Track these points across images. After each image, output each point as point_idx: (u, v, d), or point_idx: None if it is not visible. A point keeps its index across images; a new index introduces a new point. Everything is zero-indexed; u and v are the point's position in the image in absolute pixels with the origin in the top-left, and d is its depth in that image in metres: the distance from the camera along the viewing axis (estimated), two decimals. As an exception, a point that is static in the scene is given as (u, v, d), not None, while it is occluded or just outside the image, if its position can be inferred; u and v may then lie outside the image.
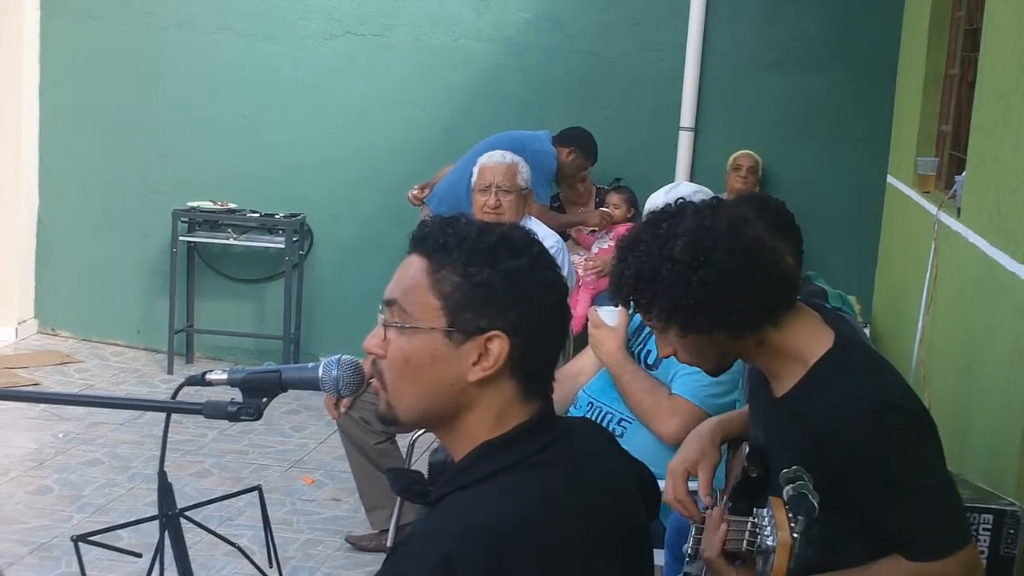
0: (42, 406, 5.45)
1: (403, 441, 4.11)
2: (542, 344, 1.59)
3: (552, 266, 1.61)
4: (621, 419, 3.01)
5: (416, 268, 1.58)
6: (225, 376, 1.85)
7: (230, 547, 2.19)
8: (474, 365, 1.54)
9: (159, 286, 6.52)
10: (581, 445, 1.64)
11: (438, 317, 1.55)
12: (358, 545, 4.20)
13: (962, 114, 4.47)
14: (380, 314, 1.62)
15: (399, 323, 1.57)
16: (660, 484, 1.91)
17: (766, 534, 1.76)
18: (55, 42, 6.57)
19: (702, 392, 2.92)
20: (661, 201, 3.18)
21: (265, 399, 1.85)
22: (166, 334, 6.31)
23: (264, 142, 6.46)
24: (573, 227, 5.93)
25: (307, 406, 5.72)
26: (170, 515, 1.97)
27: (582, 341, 3.39)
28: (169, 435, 2.01)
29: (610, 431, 2.88)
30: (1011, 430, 2.76)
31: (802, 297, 2.10)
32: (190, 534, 2.01)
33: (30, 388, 5.71)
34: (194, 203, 6.33)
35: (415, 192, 5.74)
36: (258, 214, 6.33)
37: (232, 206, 6.35)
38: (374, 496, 4.12)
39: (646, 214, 3.37)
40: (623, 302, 2.02)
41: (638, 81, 6.21)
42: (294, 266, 6.35)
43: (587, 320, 3.18)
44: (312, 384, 1.84)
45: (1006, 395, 2.86)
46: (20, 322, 6.70)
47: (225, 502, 3.06)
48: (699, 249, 1.91)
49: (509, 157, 4.30)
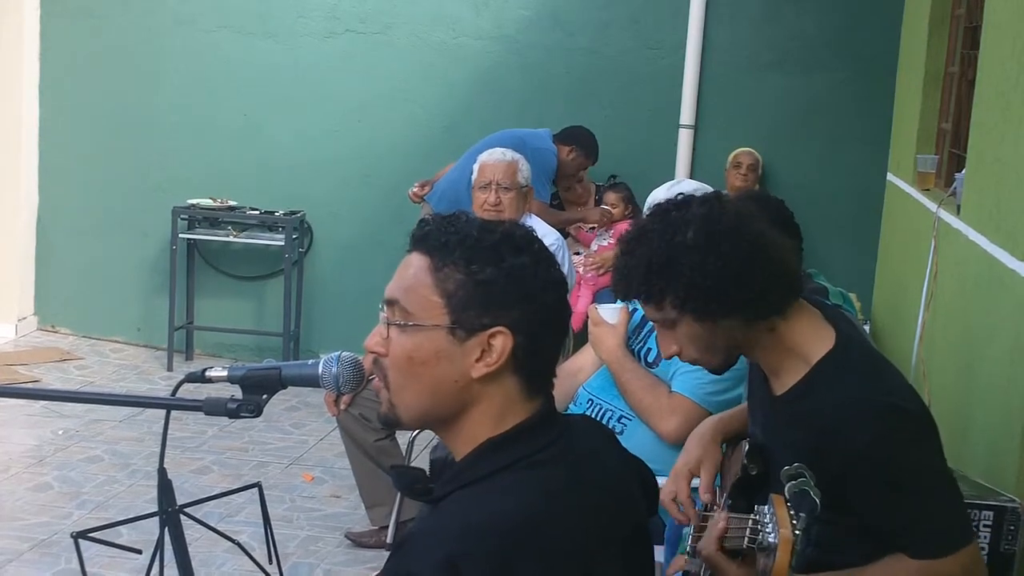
0: (42, 403, 5.45)
1: (403, 438, 4.11)
2: (544, 341, 1.59)
3: (553, 264, 1.61)
4: (621, 416, 3.01)
5: (418, 267, 1.58)
6: (225, 373, 1.86)
7: (230, 543, 2.19)
8: (477, 362, 1.55)
9: (159, 283, 6.52)
10: (582, 443, 1.64)
11: (441, 315, 1.55)
12: (358, 542, 4.21)
13: (962, 112, 4.47)
14: (381, 313, 1.62)
15: (401, 321, 1.58)
16: (660, 481, 1.91)
17: (768, 531, 1.76)
18: (55, 42, 6.57)
19: (702, 390, 2.92)
20: (662, 198, 3.18)
21: (265, 396, 1.85)
22: (166, 331, 6.32)
23: (264, 140, 6.46)
24: (573, 224, 5.92)
25: (307, 403, 5.73)
26: (170, 512, 1.97)
27: (582, 338, 3.39)
28: (169, 432, 2.01)
29: (610, 428, 2.88)
30: (1011, 427, 2.76)
31: (803, 294, 2.10)
32: (190, 530, 2.01)
33: (30, 385, 5.72)
34: (194, 200, 6.33)
35: (415, 190, 5.74)
36: (258, 211, 6.33)
37: (232, 203, 6.35)
38: (374, 493, 4.13)
39: (647, 211, 3.39)
40: (631, 294, 1.99)
41: (638, 79, 6.21)
42: (294, 263, 6.35)
43: (587, 317, 3.18)
44: (312, 381, 1.84)
45: (1006, 392, 2.86)
46: (20, 319, 6.71)
47: (225, 499, 3.07)
48: (713, 233, 1.92)
49: (510, 155, 4.30)
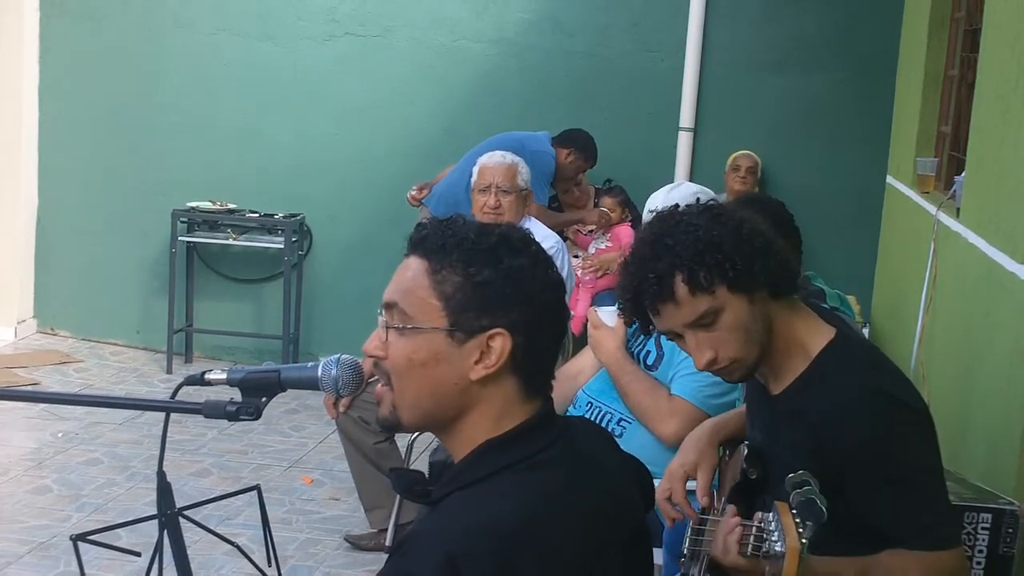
0: (41, 405, 5.45)
1: (402, 441, 4.11)
2: (542, 341, 1.59)
3: (551, 265, 1.62)
4: (620, 419, 3.01)
5: (415, 270, 1.58)
6: (224, 376, 1.86)
7: (229, 546, 2.18)
8: (476, 363, 1.55)
9: (158, 286, 6.52)
10: (581, 445, 1.64)
11: (440, 317, 1.55)
12: (357, 544, 4.20)
13: (962, 115, 4.47)
14: (380, 316, 1.62)
15: (400, 325, 1.58)
16: (657, 484, 1.91)
17: (774, 539, 1.75)
18: (55, 42, 6.57)
19: (701, 393, 2.91)
20: (662, 201, 3.20)
21: (264, 399, 1.85)
22: (165, 334, 6.32)
23: (264, 142, 6.46)
24: (572, 225, 5.92)
25: (306, 406, 5.73)
26: (169, 514, 1.97)
27: (582, 342, 3.39)
28: (168, 435, 2.01)
29: (608, 430, 2.88)
30: (1010, 430, 2.76)
31: (800, 297, 2.11)
32: (189, 533, 2.01)
33: (29, 388, 5.71)
34: (193, 203, 6.33)
35: (413, 193, 5.74)
36: (257, 214, 6.34)
37: (231, 206, 6.35)
38: (373, 495, 4.13)
39: (646, 214, 3.39)
40: (689, 281, 1.94)
41: (637, 81, 6.21)
42: (293, 266, 6.35)
43: (587, 321, 3.18)
44: (311, 384, 1.84)
45: (1005, 395, 2.86)
46: (19, 322, 6.70)
47: (224, 501, 3.06)
48: (731, 219, 2.00)
49: (509, 158, 4.30)
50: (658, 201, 3.27)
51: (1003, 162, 3.16)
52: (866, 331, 5.34)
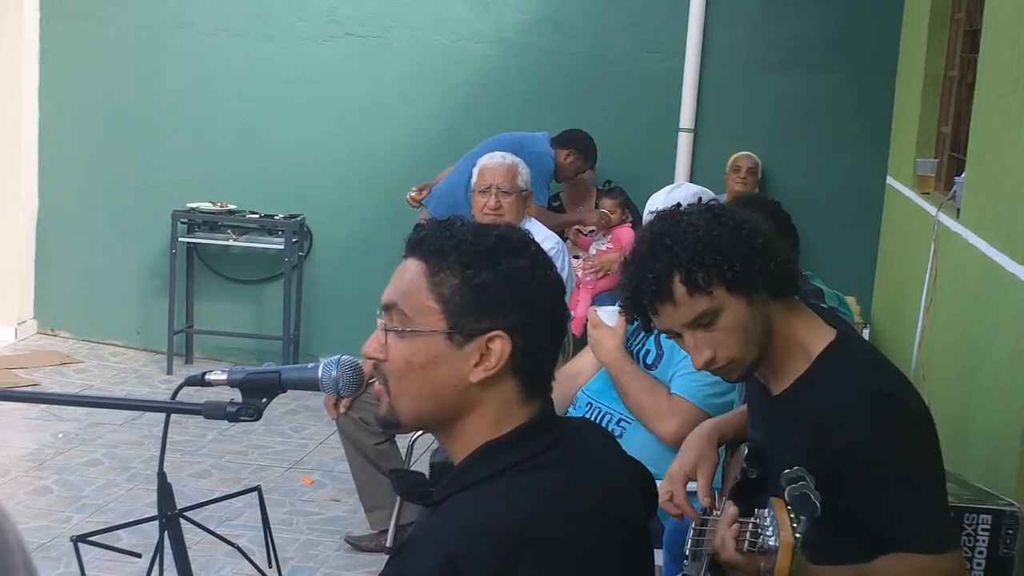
0: (41, 406, 5.45)
1: (402, 441, 4.11)
2: (542, 343, 1.59)
3: (550, 265, 1.61)
4: (620, 419, 3.01)
5: (414, 272, 1.58)
6: (224, 376, 1.86)
7: (230, 547, 2.19)
8: (476, 366, 1.55)
9: (158, 287, 6.52)
10: (581, 446, 1.64)
11: (438, 320, 1.55)
12: (357, 545, 4.20)
13: (962, 115, 4.47)
14: (379, 318, 1.62)
15: (399, 327, 1.57)
16: (659, 483, 1.91)
17: (768, 534, 1.76)
18: (55, 42, 6.57)
19: (701, 392, 2.92)
20: (662, 202, 3.20)
21: (264, 399, 1.86)
22: (165, 335, 6.32)
23: (264, 143, 6.46)
24: (572, 226, 5.92)
25: (306, 407, 5.72)
26: (170, 515, 1.97)
27: (582, 344, 3.39)
28: (169, 436, 2.01)
29: (609, 431, 2.88)
30: (1011, 431, 2.76)
31: (799, 297, 2.12)
32: (190, 534, 2.01)
33: (29, 389, 5.71)
34: (193, 204, 6.33)
35: (413, 194, 5.73)
36: (257, 215, 6.34)
37: (231, 207, 6.35)
38: (373, 496, 4.13)
39: (647, 215, 3.39)
40: (687, 281, 1.94)
41: (637, 82, 6.21)
42: (293, 267, 6.35)
43: (587, 321, 3.18)
44: (312, 384, 1.84)
45: (1006, 396, 2.86)
46: (20, 323, 6.70)
47: (224, 502, 3.05)
48: (731, 219, 2.00)
49: (509, 159, 4.30)
50: (658, 202, 3.27)
51: (1003, 162, 3.16)
52: (866, 332, 5.34)
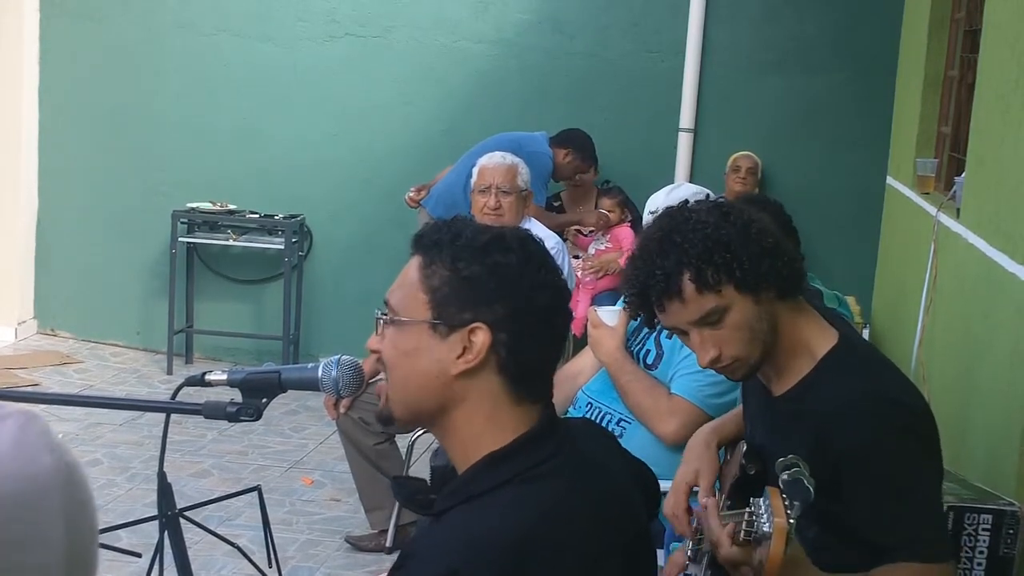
0: (41, 406, 5.43)
1: (403, 441, 4.11)
2: (531, 343, 1.57)
3: (548, 268, 1.59)
4: (620, 419, 3.01)
5: (411, 266, 1.61)
6: (224, 377, 1.86)
7: (230, 547, 2.19)
8: (458, 358, 1.54)
9: (158, 287, 6.52)
10: (584, 451, 1.63)
11: (425, 310, 1.56)
12: (357, 545, 4.20)
13: (961, 115, 4.47)
14: (380, 313, 1.63)
15: (390, 317, 1.60)
16: (660, 483, 1.91)
17: (763, 521, 1.75)
18: (55, 42, 6.57)
19: (701, 392, 2.92)
20: (662, 202, 3.20)
21: (264, 399, 1.86)
22: (165, 335, 6.32)
23: (264, 143, 6.46)
24: (570, 226, 5.93)
25: (306, 407, 5.72)
26: (170, 515, 1.97)
27: (582, 343, 3.39)
28: (169, 435, 2.02)
29: (610, 432, 2.88)
30: (1011, 430, 2.76)
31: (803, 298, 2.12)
32: (190, 534, 2.02)
33: (29, 388, 5.71)
34: (193, 204, 6.33)
35: (411, 194, 5.73)
36: (257, 215, 6.34)
37: (231, 207, 6.35)
38: (373, 496, 4.13)
39: (647, 215, 3.39)
40: (696, 279, 1.94)
41: (637, 82, 6.21)
42: (293, 267, 6.35)
43: (587, 321, 3.18)
44: (311, 384, 1.84)
45: (1006, 396, 2.86)
46: (20, 323, 6.70)
47: (224, 502, 3.06)
48: (740, 213, 2.00)
49: (509, 159, 4.30)
50: (658, 202, 3.28)
51: (1003, 162, 3.16)
52: (866, 332, 5.33)
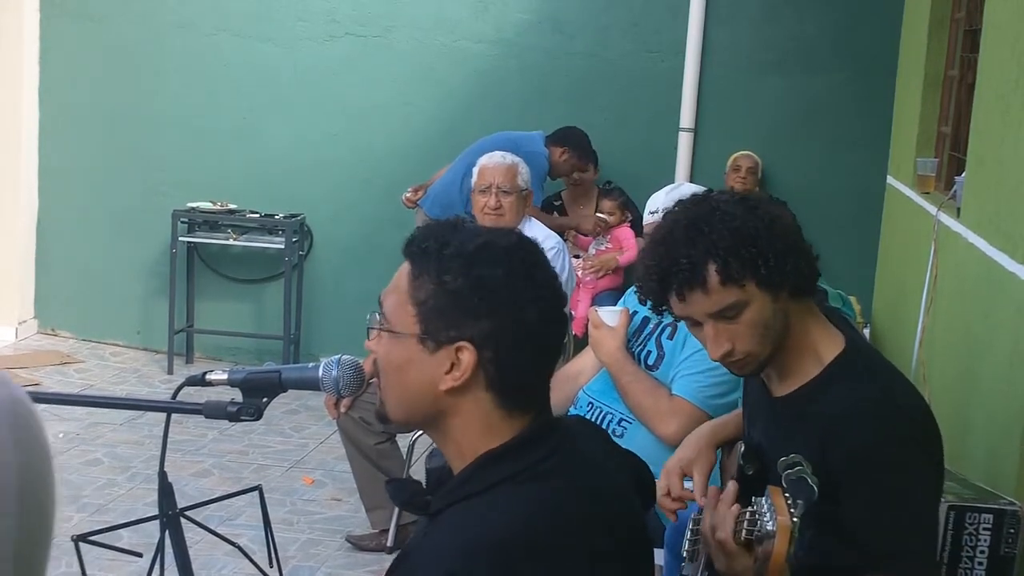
0: (42, 406, 5.33)
1: (403, 441, 4.11)
2: (521, 358, 1.53)
3: (538, 278, 1.54)
4: (621, 419, 3.01)
5: (402, 272, 1.59)
6: (225, 376, 1.86)
7: (230, 547, 2.19)
8: (446, 374, 1.52)
9: (159, 287, 6.52)
10: (579, 450, 1.63)
11: (413, 323, 1.54)
12: (358, 545, 4.20)
13: (962, 115, 4.47)
14: (375, 314, 1.63)
15: (381, 325, 1.59)
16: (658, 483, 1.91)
17: (765, 520, 1.75)
18: (55, 42, 6.57)
19: (702, 393, 2.92)
20: (662, 201, 3.20)
21: (265, 399, 1.86)
22: (166, 334, 6.32)
23: (264, 143, 6.46)
24: (567, 230, 5.92)
25: (307, 406, 5.72)
26: (170, 515, 1.97)
27: (583, 343, 3.39)
28: (169, 435, 2.02)
29: (602, 427, 2.88)
30: (1011, 430, 2.76)
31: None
32: (190, 534, 2.02)
33: (30, 388, 5.70)
34: (194, 204, 6.33)
35: (408, 195, 5.73)
36: (258, 215, 6.34)
37: (232, 207, 6.35)
38: (374, 496, 4.12)
39: (647, 215, 3.39)
40: (722, 271, 1.92)
41: (637, 82, 6.21)
42: (294, 267, 6.35)
43: (588, 321, 3.18)
44: (312, 384, 1.84)
45: (1006, 395, 2.86)
46: (20, 322, 6.70)
47: (225, 502, 3.06)
48: (766, 209, 1.98)
49: (509, 158, 4.31)
50: (658, 202, 3.27)
51: (1003, 162, 3.16)
52: (866, 332, 5.34)
